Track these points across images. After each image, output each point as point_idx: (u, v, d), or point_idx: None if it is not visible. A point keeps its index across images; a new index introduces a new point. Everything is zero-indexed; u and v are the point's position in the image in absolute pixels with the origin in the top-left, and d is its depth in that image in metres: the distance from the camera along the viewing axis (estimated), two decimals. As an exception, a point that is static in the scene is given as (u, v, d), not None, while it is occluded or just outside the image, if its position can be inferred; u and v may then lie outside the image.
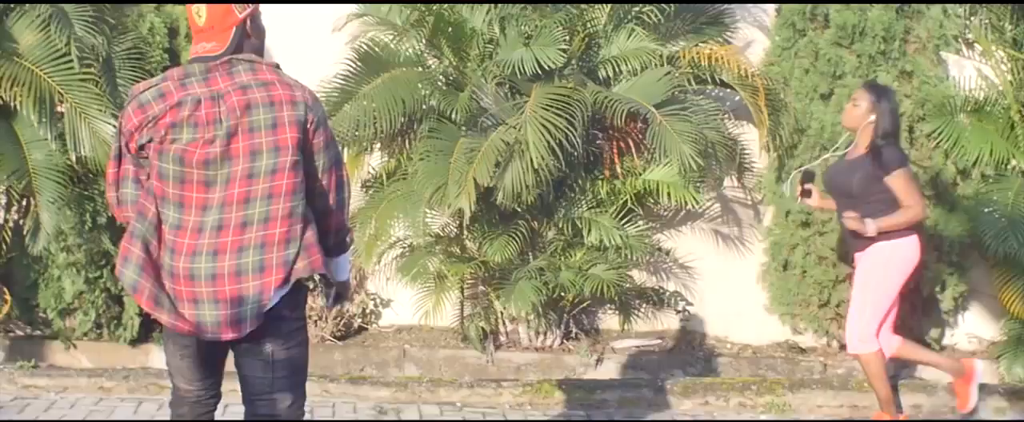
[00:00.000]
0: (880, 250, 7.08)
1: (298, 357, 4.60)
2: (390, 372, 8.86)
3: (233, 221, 4.37)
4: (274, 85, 4.43)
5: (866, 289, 7.19)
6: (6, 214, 9.15)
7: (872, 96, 7.14)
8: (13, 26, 8.74)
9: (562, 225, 8.74)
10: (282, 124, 4.37)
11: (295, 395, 4.60)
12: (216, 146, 4.34)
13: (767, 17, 9.55)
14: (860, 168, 7.10)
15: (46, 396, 8.19)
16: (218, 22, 4.50)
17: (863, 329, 7.19)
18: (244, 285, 4.37)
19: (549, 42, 8.33)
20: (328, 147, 4.55)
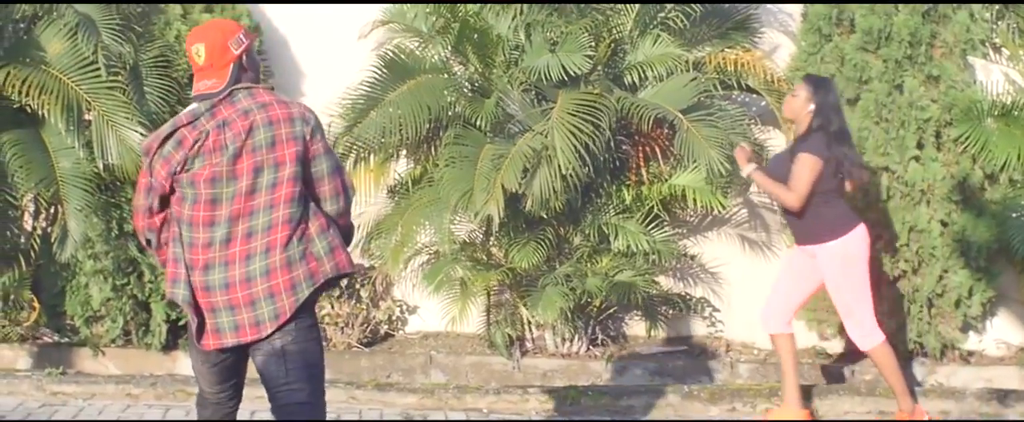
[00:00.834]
0: (833, 252, 7.20)
1: (311, 351, 4.86)
2: (416, 379, 8.86)
3: (239, 233, 4.75)
4: (272, 105, 4.81)
5: (842, 291, 7.29)
6: (34, 222, 9.20)
7: (810, 86, 7.28)
8: (41, 35, 8.79)
9: (589, 231, 8.73)
10: (280, 141, 4.75)
11: (312, 386, 4.84)
12: (222, 167, 4.73)
13: (793, 22, 9.52)
14: (791, 155, 7.24)
15: (74, 403, 8.23)
16: (217, 60, 4.89)
17: (862, 326, 7.32)
18: (254, 289, 4.72)
19: (575, 48, 8.32)
20: (327, 155, 4.89)
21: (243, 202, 4.74)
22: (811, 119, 7.21)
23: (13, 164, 8.57)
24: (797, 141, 7.29)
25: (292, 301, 4.76)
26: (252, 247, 4.75)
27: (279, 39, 9.77)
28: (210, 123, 4.77)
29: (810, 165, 7.10)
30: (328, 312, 9.27)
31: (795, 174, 7.12)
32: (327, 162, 4.88)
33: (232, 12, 9.18)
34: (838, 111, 7.31)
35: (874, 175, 8.55)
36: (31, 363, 9.05)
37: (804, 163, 7.10)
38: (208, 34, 4.97)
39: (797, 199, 7.12)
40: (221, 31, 4.98)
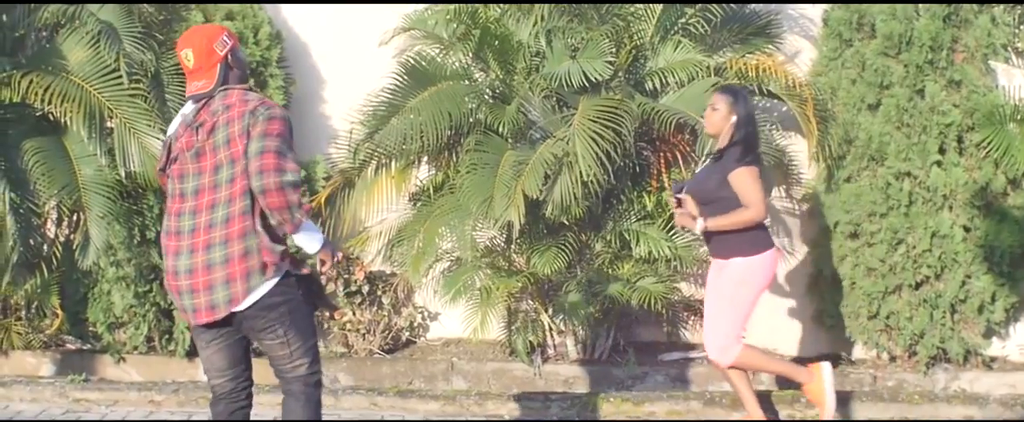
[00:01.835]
0: (737, 268, 7.10)
1: (302, 326, 5.43)
2: (438, 385, 8.87)
3: (202, 223, 5.24)
4: (233, 106, 5.26)
5: (722, 300, 7.19)
6: (57, 229, 9.24)
7: (729, 98, 7.17)
8: (63, 43, 8.83)
9: (610, 237, 8.73)
10: (233, 138, 5.19)
11: (310, 358, 5.47)
12: (188, 164, 5.31)
13: (814, 27, 9.51)
14: (717, 172, 7.14)
15: (97, 409, 8.26)
16: (204, 62, 5.37)
17: (722, 340, 7.19)
18: (214, 276, 5.20)
19: (596, 54, 8.32)
20: (261, 138, 5.16)
21: (207, 196, 5.25)
22: (734, 131, 7.13)
23: (36, 171, 8.61)
24: (722, 154, 7.15)
25: (245, 288, 5.23)
26: (212, 237, 5.21)
27: (300, 46, 9.80)
28: (192, 126, 5.32)
29: (751, 176, 7.01)
30: (350, 319, 9.30)
31: (743, 191, 6.99)
32: (257, 144, 5.15)
33: (253, 20, 9.22)
34: (754, 119, 7.22)
35: (897, 180, 8.52)
36: (54, 370, 9.08)
37: (744, 177, 6.99)
38: (194, 39, 5.41)
39: (757, 210, 6.98)
40: (206, 35, 5.42)
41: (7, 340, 9.17)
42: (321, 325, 9.46)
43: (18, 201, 8.60)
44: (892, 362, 8.93)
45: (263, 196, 5.15)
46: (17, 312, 9.29)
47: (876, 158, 8.65)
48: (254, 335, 5.41)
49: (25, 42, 9.13)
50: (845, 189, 8.77)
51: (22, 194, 8.64)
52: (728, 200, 7.03)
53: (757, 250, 7.07)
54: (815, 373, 7.34)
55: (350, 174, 9.11)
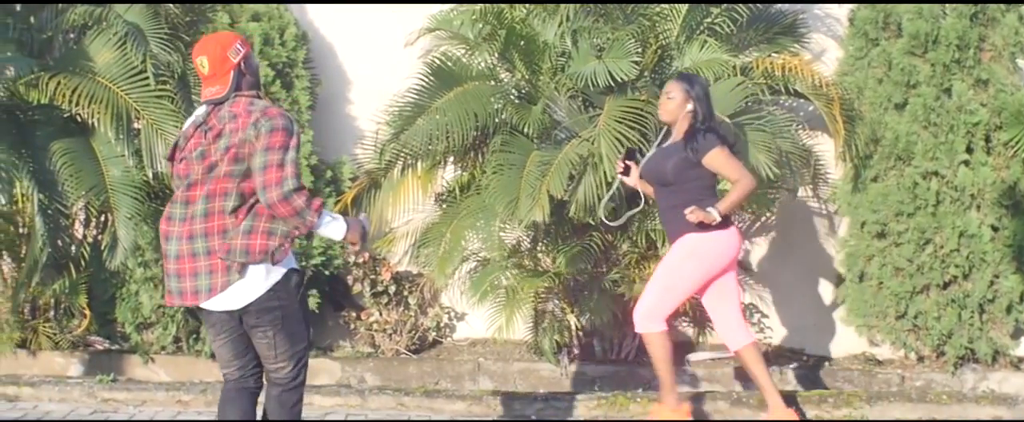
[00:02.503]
0: (689, 240, 7.13)
1: (294, 333, 5.68)
2: (464, 385, 8.87)
3: (189, 214, 5.53)
4: (239, 116, 5.47)
5: (667, 274, 7.20)
6: (85, 230, 9.28)
7: (684, 85, 7.22)
8: (91, 45, 8.87)
9: (636, 237, 8.71)
10: (233, 145, 5.42)
11: (293, 363, 5.73)
12: (191, 161, 5.54)
13: (840, 26, 9.49)
14: (675, 154, 7.17)
15: (125, 410, 8.28)
16: (218, 69, 5.58)
17: (650, 308, 7.20)
18: (198, 264, 5.50)
19: (622, 54, 8.30)
20: (264, 152, 5.38)
21: (197, 190, 5.51)
22: (691, 118, 7.17)
23: (64, 173, 8.65)
24: (686, 140, 7.16)
25: (224, 280, 5.48)
26: (194, 229, 5.50)
27: (326, 47, 9.82)
28: (202, 128, 5.58)
29: (724, 155, 7.07)
30: (376, 319, 9.31)
31: (725, 170, 7.08)
32: (260, 158, 5.38)
33: (279, 21, 9.24)
34: (711, 105, 7.26)
35: (924, 179, 8.50)
36: (82, 370, 9.12)
37: (719, 158, 7.06)
38: (209, 47, 5.63)
39: (748, 178, 7.08)
40: (220, 43, 5.64)
41: (36, 341, 9.21)
42: (348, 325, 9.48)
43: (46, 202, 8.64)
44: (920, 362, 8.90)
45: (272, 209, 5.43)
46: (45, 313, 9.32)
47: (903, 157, 8.63)
48: (248, 330, 5.69)
49: (53, 44, 9.18)
50: (872, 189, 8.75)
51: (50, 195, 8.68)
52: (690, 182, 7.12)
53: (718, 227, 7.07)
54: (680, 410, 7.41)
55: (376, 175, 9.12)
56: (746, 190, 7.07)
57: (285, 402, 5.79)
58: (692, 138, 7.13)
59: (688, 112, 7.17)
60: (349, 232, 5.70)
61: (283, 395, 5.78)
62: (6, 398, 8.57)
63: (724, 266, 7.24)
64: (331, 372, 9.03)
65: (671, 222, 7.24)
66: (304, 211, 5.44)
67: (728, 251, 7.20)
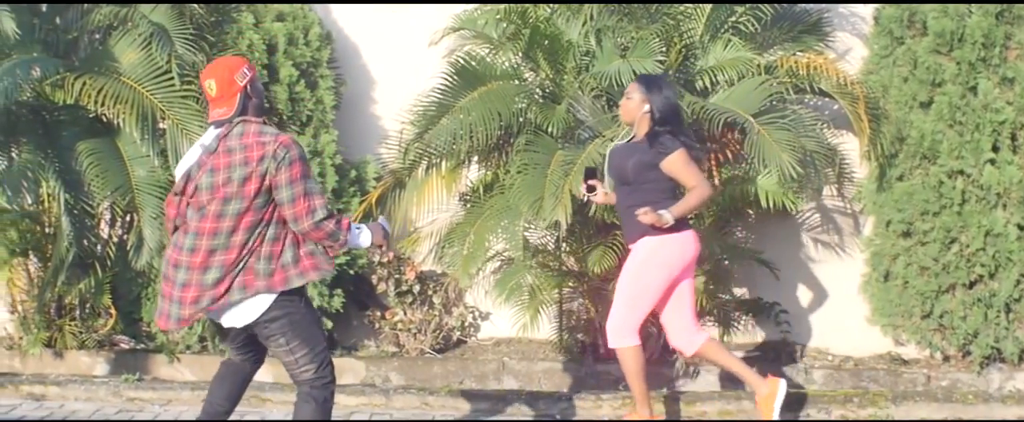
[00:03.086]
0: (646, 245, 7.14)
1: (306, 335, 5.89)
2: (489, 385, 8.88)
3: (204, 247, 5.71)
4: (251, 147, 5.69)
5: (626, 282, 7.21)
6: (110, 229, 9.31)
7: (643, 86, 7.22)
8: (116, 45, 8.90)
9: (660, 236, 8.70)
10: (249, 178, 5.64)
11: (317, 363, 5.92)
12: (203, 191, 5.73)
13: (865, 25, 9.46)
14: (636, 152, 7.17)
15: (150, 409, 8.31)
16: (226, 92, 5.83)
17: (621, 323, 7.22)
18: (203, 294, 5.72)
19: (646, 53, 8.29)
20: (289, 185, 5.68)
21: (209, 223, 5.70)
22: (650, 119, 7.16)
23: (90, 173, 8.68)
24: (647, 140, 7.17)
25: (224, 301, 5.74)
26: (211, 262, 5.71)
27: (350, 47, 9.84)
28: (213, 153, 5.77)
29: (683, 160, 7.06)
30: (400, 319, 9.32)
31: (683, 176, 7.07)
32: (286, 192, 5.68)
33: (304, 21, 9.26)
34: (675, 108, 7.24)
35: (950, 178, 8.47)
36: (108, 369, 9.15)
37: (680, 162, 7.06)
38: (217, 70, 5.88)
39: (706, 186, 7.08)
40: (228, 67, 5.89)
41: (62, 340, 9.24)
42: (372, 325, 9.49)
43: (72, 202, 8.68)
44: (946, 362, 8.87)
45: (307, 236, 5.80)
46: (71, 312, 9.36)
47: (928, 156, 8.60)
48: (264, 343, 6.00)
49: (78, 45, 9.21)
50: (897, 188, 8.72)
51: (76, 195, 8.72)
52: (649, 183, 7.12)
53: (674, 229, 7.07)
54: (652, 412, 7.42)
55: (401, 174, 9.12)
56: (702, 197, 7.08)
57: (318, 399, 5.96)
58: (656, 138, 7.13)
59: (645, 113, 7.17)
60: (374, 236, 6.03)
61: (315, 393, 5.95)
62: (33, 397, 8.61)
63: (683, 269, 7.24)
64: (356, 371, 9.05)
65: (628, 222, 7.26)
66: (336, 233, 5.80)
67: (686, 254, 7.19)
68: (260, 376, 8.75)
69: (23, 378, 8.81)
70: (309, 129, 9.15)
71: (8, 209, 8.94)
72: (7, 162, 8.85)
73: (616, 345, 7.25)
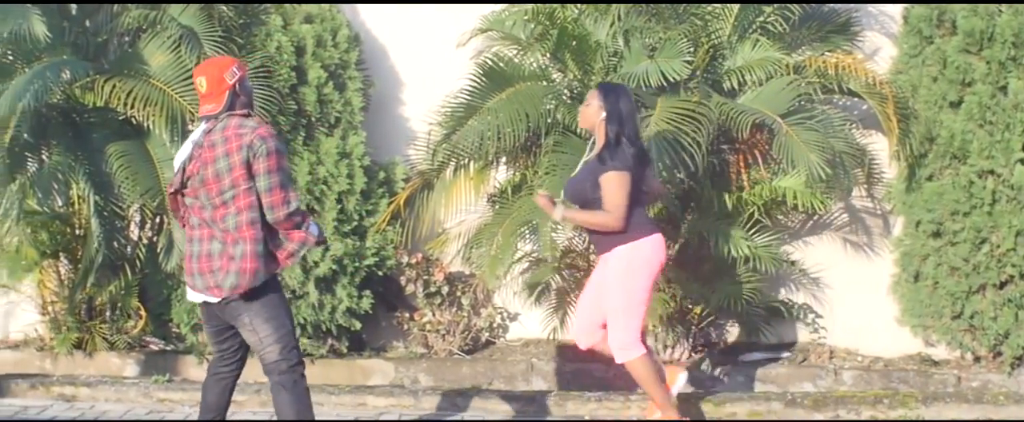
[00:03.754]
0: (620, 256, 7.06)
1: (268, 315, 6.18)
2: (518, 385, 8.88)
3: (212, 224, 6.10)
4: (230, 139, 6.02)
5: (614, 296, 7.13)
6: (140, 231, 9.36)
7: (601, 93, 7.16)
8: (145, 47, 8.94)
9: (689, 237, 8.69)
10: (235, 166, 5.99)
11: (280, 344, 6.20)
12: (197, 183, 6.09)
13: (894, 24, 9.42)
14: (592, 172, 7.10)
15: (180, 409, 8.34)
16: (215, 89, 6.16)
17: (622, 338, 7.13)
18: (213, 264, 6.09)
19: (673, 54, 8.28)
20: (266, 175, 6.02)
21: (215, 210, 6.07)
22: (606, 127, 7.08)
23: (119, 175, 8.72)
24: (601, 153, 7.11)
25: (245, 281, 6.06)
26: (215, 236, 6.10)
27: (379, 48, 9.85)
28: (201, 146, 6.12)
29: (619, 182, 6.94)
30: (429, 320, 9.34)
31: (607, 195, 6.96)
32: (264, 181, 6.02)
33: (332, 22, 9.28)
34: (631, 116, 7.15)
35: (980, 178, 8.43)
36: (138, 370, 9.19)
37: (612, 182, 6.95)
38: (208, 69, 6.23)
39: (617, 220, 6.95)
40: (218, 66, 6.24)
41: (92, 341, 9.29)
42: (401, 326, 9.51)
43: (102, 204, 8.72)
44: (976, 363, 8.83)
45: (277, 225, 6.13)
46: (102, 314, 9.41)
47: (958, 156, 8.56)
48: (231, 322, 6.30)
49: (107, 47, 9.26)
50: (927, 188, 8.68)
51: (106, 197, 8.76)
52: (596, 204, 7.05)
53: (638, 235, 7.04)
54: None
55: (429, 175, 9.14)
56: (601, 224, 7.01)
57: (285, 384, 6.23)
58: (606, 150, 7.06)
59: (602, 120, 7.10)
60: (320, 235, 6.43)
61: (281, 378, 6.23)
62: (63, 398, 8.66)
63: (658, 270, 7.21)
64: (385, 373, 9.07)
65: (598, 238, 7.23)
66: (301, 224, 6.20)
67: (660, 254, 7.15)
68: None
69: (54, 379, 8.86)
70: (338, 131, 9.17)
71: (39, 211, 9.00)
72: (38, 164, 8.91)
73: (625, 360, 7.17)
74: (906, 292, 8.98)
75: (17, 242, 9.11)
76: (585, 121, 7.26)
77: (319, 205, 8.97)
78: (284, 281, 8.87)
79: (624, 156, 6.99)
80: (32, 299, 9.58)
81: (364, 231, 9.15)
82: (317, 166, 8.96)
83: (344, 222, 9.02)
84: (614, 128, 7.04)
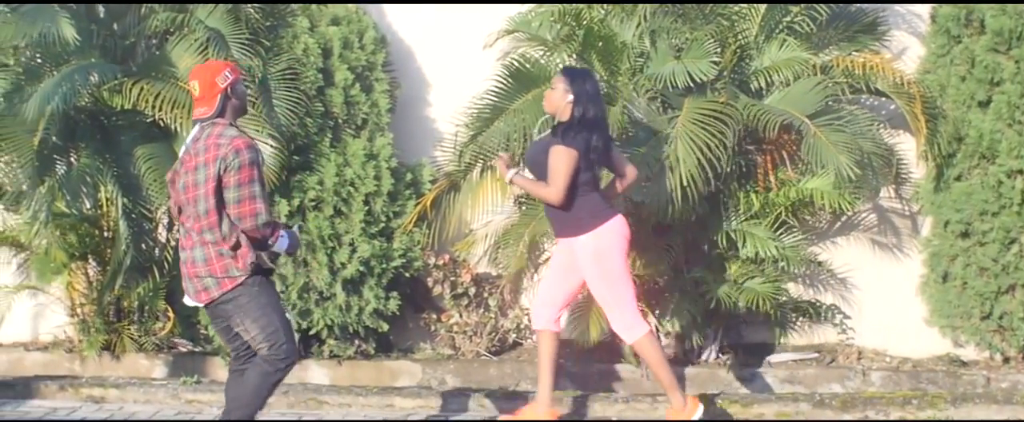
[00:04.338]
0: (585, 246, 7.19)
1: (255, 316, 6.41)
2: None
3: (194, 233, 6.37)
4: (210, 148, 6.24)
5: (598, 285, 7.28)
6: (168, 233, 9.39)
7: (567, 78, 7.28)
8: (172, 50, 8.96)
9: (716, 238, 8.68)
10: (210, 178, 6.21)
11: (269, 342, 6.42)
12: (181, 192, 6.39)
13: (921, 24, 9.39)
14: (549, 143, 7.23)
15: (209, 411, 8.36)
16: (207, 92, 6.37)
17: (622, 319, 7.30)
18: (198, 269, 6.38)
19: (700, 55, 8.27)
20: (238, 187, 6.23)
21: (197, 219, 6.30)
22: (572, 109, 7.18)
23: (147, 177, 8.75)
24: (558, 129, 7.25)
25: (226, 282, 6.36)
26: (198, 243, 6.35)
27: (405, 50, 9.86)
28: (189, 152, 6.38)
29: (564, 157, 7.06)
30: (457, 321, 9.34)
31: (551, 168, 7.10)
32: (233, 193, 6.23)
33: (358, 24, 9.29)
34: (595, 100, 7.25)
35: (1009, 178, 8.40)
36: (166, 372, 9.22)
37: (558, 156, 7.07)
38: (201, 73, 6.44)
39: (556, 193, 7.09)
40: (211, 70, 6.44)
41: (120, 343, 9.32)
42: (428, 328, 9.51)
43: (130, 206, 8.75)
44: (1006, 363, 8.80)
45: (247, 234, 6.32)
46: (130, 315, 9.44)
47: (987, 156, 8.53)
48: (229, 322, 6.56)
49: (135, 50, 9.29)
50: (956, 188, 8.66)
51: (134, 199, 8.79)
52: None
53: (600, 221, 7.19)
54: (690, 406, 7.41)
55: (455, 177, 9.14)
56: (543, 197, 7.24)
57: (263, 368, 6.47)
58: (564, 127, 7.19)
59: (568, 103, 7.20)
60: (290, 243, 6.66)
61: (264, 363, 6.47)
62: (92, 400, 8.69)
63: (626, 247, 7.33)
64: (412, 374, 9.07)
65: (556, 217, 7.35)
66: (268, 238, 6.44)
67: (622, 236, 7.28)
68: (316, 379, 8.88)
69: (83, 381, 8.89)
70: (364, 132, 9.18)
71: (67, 213, 9.03)
72: (66, 167, 8.95)
73: (634, 339, 7.33)
74: (935, 293, 8.95)
75: (46, 244, 9.13)
76: (550, 105, 7.38)
77: (346, 207, 8.99)
78: (311, 283, 8.90)
79: (578, 138, 7.12)
80: (61, 301, 9.62)
81: (391, 232, 9.16)
82: (344, 168, 8.97)
83: (371, 224, 9.03)
84: (580, 109, 7.17)
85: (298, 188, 8.95)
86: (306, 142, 9.00)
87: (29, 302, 9.89)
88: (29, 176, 8.52)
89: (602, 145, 7.24)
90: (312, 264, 8.93)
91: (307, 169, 9.01)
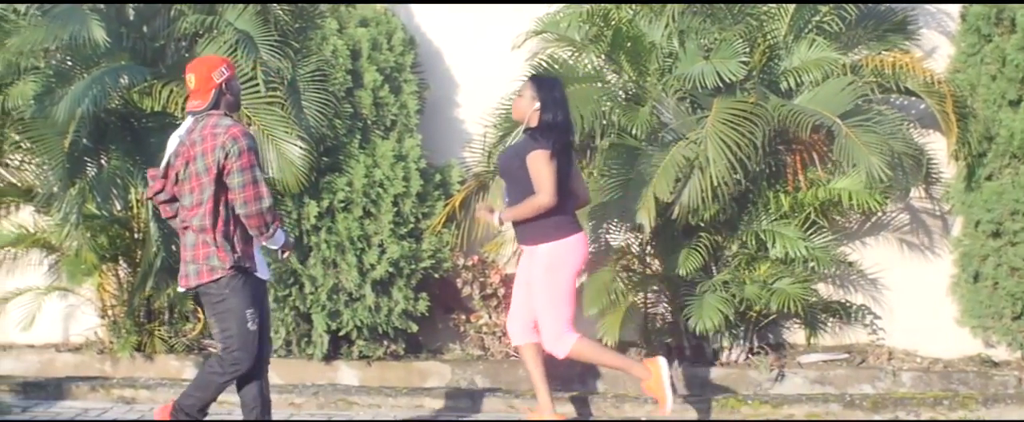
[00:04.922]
0: (543, 253, 7.27)
1: (221, 317, 6.57)
2: (573, 387, 8.86)
3: (190, 221, 6.49)
4: (208, 138, 6.38)
5: (539, 294, 7.34)
6: (198, 235, 9.40)
7: (535, 85, 7.34)
8: (202, 52, 8.97)
9: (745, 238, 8.66)
10: (210, 167, 6.36)
11: (225, 344, 6.59)
12: (179, 181, 6.53)
13: (951, 23, 9.35)
14: (523, 146, 7.28)
15: (238, 412, 8.36)
16: (202, 86, 6.53)
17: (553, 331, 7.35)
18: (185, 254, 6.57)
19: (729, 55, 8.27)
20: (240, 172, 6.35)
21: (193, 206, 6.46)
22: (540, 115, 7.22)
23: (178, 179, 8.78)
24: (530, 132, 7.29)
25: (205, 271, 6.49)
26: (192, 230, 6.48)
27: (433, 51, 9.87)
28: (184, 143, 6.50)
29: (543, 160, 7.11)
30: (486, 321, 9.34)
31: (534, 175, 7.15)
32: (236, 179, 6.35)
33: (387, 26, 9.30)
34: (563, 106, 7.28)
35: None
36: (196, 373, 9.23)
37: (537, 161, 7.12)
38: (197, 67, 6.58)
39: (547, 196, 7.13)
40: (207, 65, 6.60)
41: (151, 344, 9.36)
42: (458, 328, 9.52)
43: (160, 208, 8.78)
44: (1038, 363, 8.77)
45: (247, 220, 6.44)
46: (160, 317, 9.48)
47: (1018, 155, 8.49)
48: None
49: (165, 52, 9.32)
50: (986, 187, 8.62)
51: (165, 201, 8.82)
52: (523, 180, 7.20)
53: (563, 234, 7.25)
54: (652, 369, 7.40)
55: (484, 178, 9.16)
56: (539, 206, 7.18)
57: (214, 368, 6.68)
58: (533, 133, 7.24)
59: (535, 109, 7.25)
60: (284, 245, 6.82)
61: (217, 361, 6.67)
62: (124, 400, 8.73)
63: (580, 266, 7.42)
64: (441, 374, 9.08)
65: (520, 229, 7.41)
66: (269, 225, 6.50)
67: (579, 253, 7.35)
68: (346, 380, 8.89)
69: (114, 382, 8.94)
70: (393, 134, 9.19)
71: (98, 215, 9.07)
72: (97, 169, 8.99)
73: (563, 351, 7.39)
74: (965, 293, 8.92)
75: (77, 246, 9.17)
76: (517, 112, 7.47)
77: (375, 208, 9.00)
78: (341, 284, 8.91)
79: (547, 141, 7.17)
80: (91, 302, 9.66)
81: (420, 233, 9.17)
82: (373, 169, 8.98)
83: (400, 225, 9.04)
84: (548, 116, 7.22)
85: (327, 189, 8.97)
86: (335, 143, 9.02)
87: (60, 303, 9.94)
88: (60, 178, 8.58)
89: (569, 153, 7.33)
90: (341, 265, 8.95)
91: (336, 170, 9.02)
